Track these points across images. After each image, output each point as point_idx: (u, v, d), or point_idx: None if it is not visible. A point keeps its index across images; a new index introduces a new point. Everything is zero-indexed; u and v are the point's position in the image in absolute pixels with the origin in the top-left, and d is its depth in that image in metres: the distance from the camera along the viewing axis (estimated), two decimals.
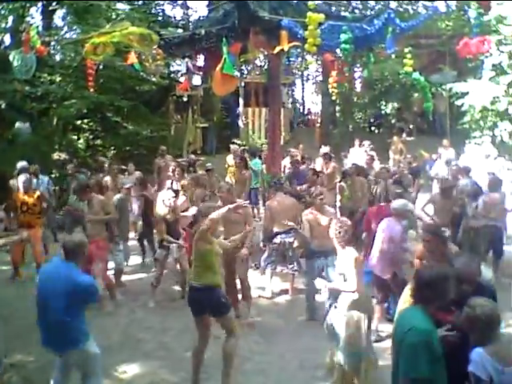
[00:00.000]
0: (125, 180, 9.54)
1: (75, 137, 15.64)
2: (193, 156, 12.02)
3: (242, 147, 15.65)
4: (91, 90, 9.82)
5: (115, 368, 5.06)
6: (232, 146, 12.28)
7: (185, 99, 17.37)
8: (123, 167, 10.98)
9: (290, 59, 9.00)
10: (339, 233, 4.64)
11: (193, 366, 4.71)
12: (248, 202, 7.16)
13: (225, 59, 7.06)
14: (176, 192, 7.19)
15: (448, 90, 14.87)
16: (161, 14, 18.97)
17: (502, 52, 11.80)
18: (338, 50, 6.82)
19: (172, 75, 17.02)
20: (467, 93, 12.88)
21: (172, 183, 9.05)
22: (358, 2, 18.20)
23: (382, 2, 16.48)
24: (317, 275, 6.09)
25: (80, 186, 6.98)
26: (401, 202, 5.78)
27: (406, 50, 8.13)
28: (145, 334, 5.96)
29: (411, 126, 20.62)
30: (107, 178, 9.31)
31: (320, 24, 6.31)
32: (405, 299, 3.65)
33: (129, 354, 5.41)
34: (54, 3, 15.11)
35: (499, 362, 2.86)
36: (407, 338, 2.83)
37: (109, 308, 6.59)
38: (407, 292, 3.55)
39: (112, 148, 15.36)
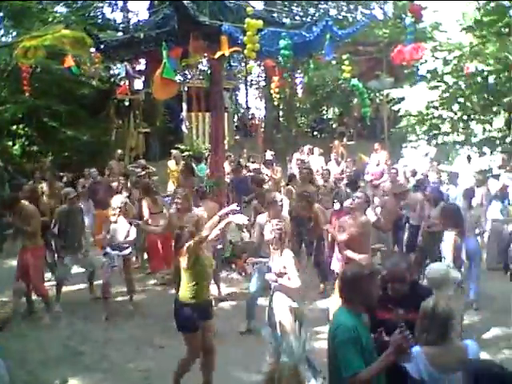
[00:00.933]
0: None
1: (10, 143, 14.96)
2: (143, 161, 11.80)
3: (187, 152, 15.59)
4: (27, 94, 9.49)
5: (54, 382, 4.87)
6: (174, 152, 12.13)
7: (126, 103, 17.04)
8: (61, 174, 10.65)
9: (232, 64, 9.04)
10: (277, 235, 4.68)
11: (175, 376, 4.56)
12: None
13: (165, 63, 6.98)
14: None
15: (385, 95, 15.42)
16: (100, 17, 18.50)
17: (437, 58, 12.30)
18: (278, 56, 6.91)
19: (112, 79, 16.61)
20: (403, 98, 13.40)
21: (121, 190, 8.90)
22: (299, 9, 18.54)
23: (321, 10, 16.91)
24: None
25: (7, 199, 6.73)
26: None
27: (344, 56, 8.38)
28: (86, 346, 5.76)
29: (351, 131, 21.21)
30: (43, 185, 9.01)
31: (260, 30, 6.36)
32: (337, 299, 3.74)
33: (69, 368, 5.21)
34: None
35: (436, 367, 2.92)
36: (337, 336, 2.92)
37: (46, 320, 6.33)
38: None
39: (49, 154, 14.78)
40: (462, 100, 12.21)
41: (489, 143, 10.20)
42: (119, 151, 12.17)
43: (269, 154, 13.90)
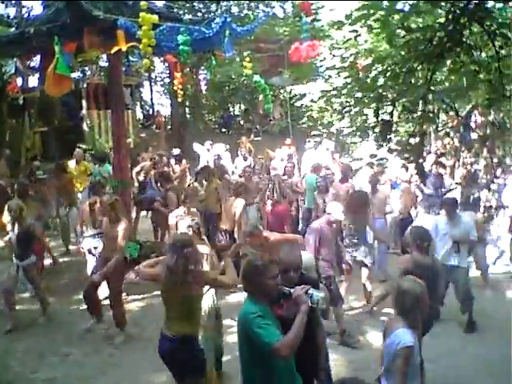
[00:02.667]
0: None
1: None
2: (37, 163, 11.12)
3: (89, 152, 14.93)
4: None
5: None
6: (76, 151, 11.60)
7: (20, 102, 15.95)
8: None
9: (132, 60, 8.77)
10: (192, 231, 4.77)
11: None
12: None
13: (57, 58, 6.65)
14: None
15: (289, 91, 15.86)
16: None
17: (335, 56, 12.81)
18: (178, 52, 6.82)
19: (4, 77, 15.48)
20: (305, 94, 13.86)
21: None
22: (202, 6, 18.48)
23: (224, 7, 16.97)
24: None
25: None
26: None
27: (245, 53, 8.49)
28: None
29: (258, 127, 21.52)
30: None
31: (158, 25, 6.25)
32: None
33: None
34: None
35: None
36: (246, 320, 2.98)
37: None
38: None
39: None
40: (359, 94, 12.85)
41: (361, 133, 10.81)
42: (7, 151, 11.31)
43: (177, 151, 13.72)
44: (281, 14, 20.24)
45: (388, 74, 3.10)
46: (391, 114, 3.19)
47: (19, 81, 14.83)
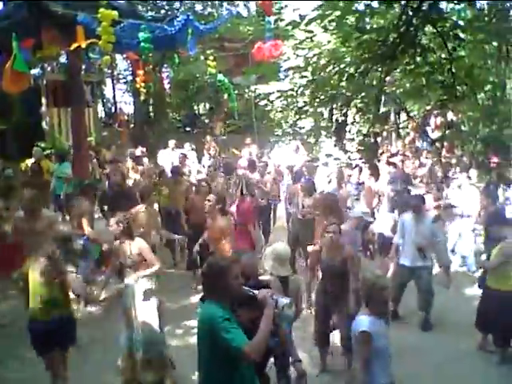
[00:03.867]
0: None
1: None
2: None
3: (49, 150, 14.57)
4: None
5: None
6: (34, 149, 11.31)
7: None
8: None
9: (92, 56, 8.60)
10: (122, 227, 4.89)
11: None
12: None
13: (15, 55, 6.48)
14: None
15: (254, 91, 15.88)
16: None
17: (299, 55, 12.89)
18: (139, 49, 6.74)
19: None
20: (269, 94, 13.89)
21: None
22: (165, 3, 18.31)
23: (187, 5, 16.84)
24: None
25: None
26: None
27: (209, 52, 8.47)
28: None
29: (221, 125, 21.46)
30: None
31: (119, 22, 6.17)
32: None
33: None
34: None
35: None
36: (213, 323, 2.91)
37: None
38: None
39: None
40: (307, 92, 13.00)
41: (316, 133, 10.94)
42: None
43: (139, 151, 13.57)
44: (245, 13, 20.28)
45: (343, 74, 3.16)
46: (345, 114, 3.24)
47: None
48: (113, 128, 20.70)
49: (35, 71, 16.47)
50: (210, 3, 19.19)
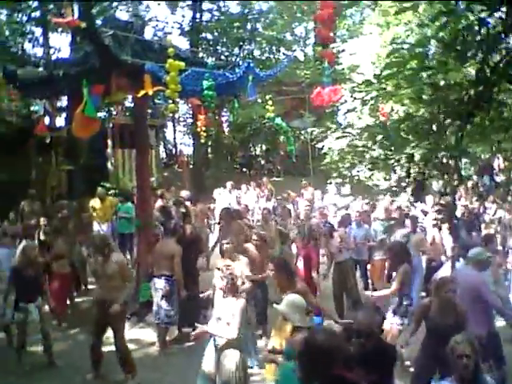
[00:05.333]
0: None
1: None
2: (62, 202, 11.30)
3: (113, 190, 15.17)
4: None
5: None
6: (98, 189, 11.79)
7: (47, 141, 16.38)
8: None
9: (157, 102, 9.02)
10: (227, 281, 4.67)
11: None
12: None
13: (86, 101, 6.85)
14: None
15: (310, 133, 15.98)
16: (20, 51, 17.93)
17: (356, 98, 12.93)
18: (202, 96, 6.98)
19: (32, 116, 15.99)
20: (326, 136, 13.93)
21: (39, 233, 8.39)
22: (224, 49, 19.02)
23: (246, 51, 17.43)
24: None
25: None
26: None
27: (268, 96, 8.65)
28: None
29: (279, 167, 21.66)
30: None
31: (183, 70, 6.42)
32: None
33: None
34: None
35: None
36: None
37: None
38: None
39: None
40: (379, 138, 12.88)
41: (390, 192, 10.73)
42: (32, 190, 11.52)
43: (184, 193, 13.75)
44: (302, 57, 20.72)
45: (418, 132, 3.08)
46: (423, 173, 3.15)
47: (46, 120, 15.28)
48: (173, 169, 21.34)
49: (101, 114, 17.42)
50: (267, 49, 19.79)
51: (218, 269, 5.42)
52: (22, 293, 6.16)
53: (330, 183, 14.45)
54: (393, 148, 5.85)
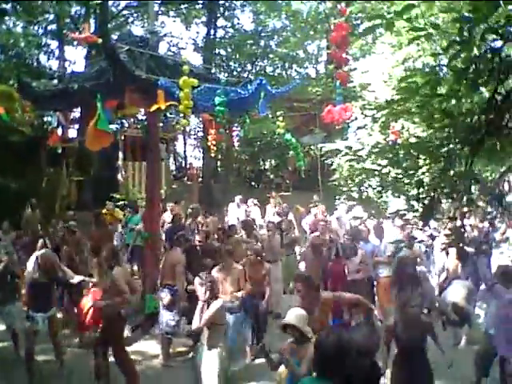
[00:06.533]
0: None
1: None
2: (71, 212, 11.40)
3: (122, 201, 15.26)
4: None
5: None
6: (108, 203, 11.88)
7: (59, 151, 16.57)
8: None
9: (169, 116, 9.14)
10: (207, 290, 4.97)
11: None
12: None
13: (99, 115, 6.95)
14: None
15: (319, 149, 16.01)
16: (36, 63, 18.23)
17: (366, 116, 12.97)
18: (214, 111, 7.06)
19: (45, 126, 16.22)
20: (335, 152, 13.96)
21: (45, 241, 8.41)
22: (237, 65, 19.19)
23: (258, 67, 17.58)
24: None
25: None
26: None
27: (278, 113, 8.73)
28: None
29: (288, 182, 21.68)
30: None
31: (196, 86, 6.51)
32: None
33: None
34: None
35: None
36: None
37: None
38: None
39: None
40: (389, 155, 12.86)
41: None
42: (33, 200, 11.57)
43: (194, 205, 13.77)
44: (313, 73, 20.87)
45: (429, 157, 3.11)
46: (432, 198, 3.16)
47: (59, 131, 15.47)
48: (183, 181, 21.45)
49: (113, 126, 17.60)
50: (279, 65, 19.95)
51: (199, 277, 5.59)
52: (32, 301, 6.20)
53: (339, 199, 14.42)
54: (403, 169, 5.86)
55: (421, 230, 9.44)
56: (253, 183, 23.73)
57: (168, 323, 6.62)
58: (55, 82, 15.17)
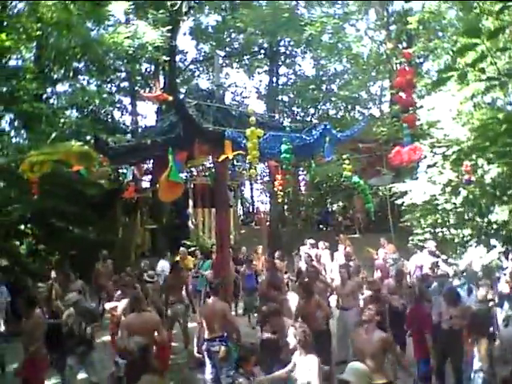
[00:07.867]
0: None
1: (17, 242, 15.08)
2: (146, 261, 11.78)
3: (193, 248, 15.60)
4: (35, 196, 9.69)
5: None
6: (181, 249, 12.18)
7: (133, 201, 17.37)
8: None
9: (236, 164, 9.44)
10: (300, 339, 4.68)
11: None
12: None
13: (171, 167, 7.24)
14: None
15: (388, 189, 15.67)
16: (110, 119, 19.44)
17: (436, 154, 12.60)
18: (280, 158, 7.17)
19: (120, 178, 17.13)
20: (406, 192, 13.58)
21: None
22: (300, 109, 19.47)
23: (321, 110, 17.74)
24: None
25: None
26: None
27: (344, 156, 8.70)
28: None
29: (358, 224, 21.28)
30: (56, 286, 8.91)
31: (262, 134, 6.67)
32: None
33: None
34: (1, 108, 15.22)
35: None
36: None
37: None
38: None
39: (56, 253, 14.84)
40: (464, 193, 12.34)
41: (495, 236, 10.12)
42: (104, 252, 11.95)
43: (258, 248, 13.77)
44: (377, 113, 20.72)
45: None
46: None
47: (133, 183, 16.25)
48: (250, 226, 21.65)
49: (183, 175, 18.27)
50: (342, 107, 20.02)
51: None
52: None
53: (412, 240, 13.92)
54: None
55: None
56: (321, 226, 23.50)
57: (227, 374, 6.21)
58: (129, 136, 16.17)
